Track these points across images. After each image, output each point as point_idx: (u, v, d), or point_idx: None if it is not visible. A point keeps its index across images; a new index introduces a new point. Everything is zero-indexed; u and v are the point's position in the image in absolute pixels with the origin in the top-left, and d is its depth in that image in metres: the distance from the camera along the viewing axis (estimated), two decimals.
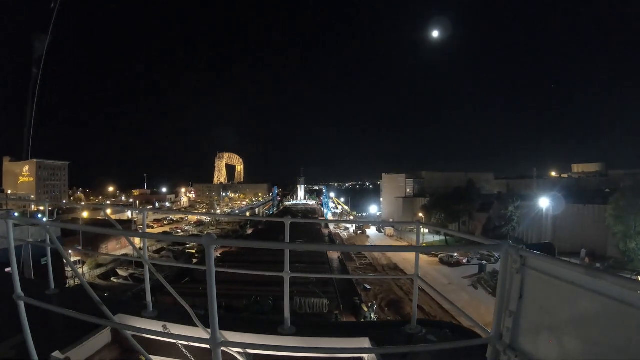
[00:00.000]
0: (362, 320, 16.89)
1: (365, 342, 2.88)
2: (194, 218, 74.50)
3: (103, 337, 2.97)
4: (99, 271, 33.34)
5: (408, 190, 78.55)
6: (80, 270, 27.92)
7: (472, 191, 62.01)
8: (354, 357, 3.03)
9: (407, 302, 27.47)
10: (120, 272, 33.42)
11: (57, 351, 2.49)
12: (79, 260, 33.28)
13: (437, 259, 43.39)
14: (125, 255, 29.91)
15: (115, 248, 42.10)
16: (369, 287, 28.85)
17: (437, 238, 53.66)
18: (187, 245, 44.15)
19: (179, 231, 63.02)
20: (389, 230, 63.57)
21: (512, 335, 1.74)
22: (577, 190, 58.36)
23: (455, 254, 41.54)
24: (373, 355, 2.66)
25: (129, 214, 64.61)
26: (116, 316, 2.92)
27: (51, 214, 4.48)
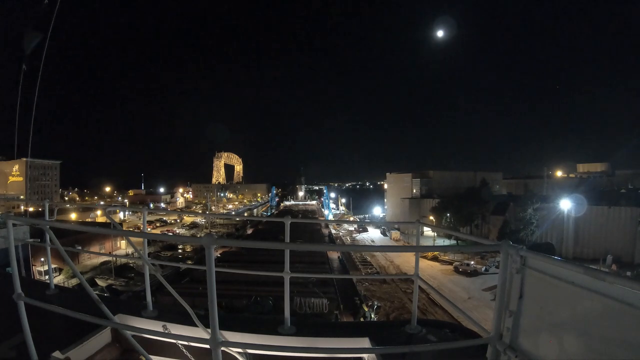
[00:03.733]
0: (362, 320, 16.88)
1: (365, 342, 2.88)
2: (188, 220, 72.64)
3: (103, 337, 2.96)
4: (74, 281, 29.90)
5: (414, 191, 74.27)
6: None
7: (486, 192, 57.78)
8: (354, 357, 3.03)
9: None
10: (99, 282, 31.91)
11: (57, 351, 2.49)
12: (55, 268, 29.26)
13: (451, 268, 39.65)
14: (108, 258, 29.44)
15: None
16: (378, 304, 26.90)
17: (447, 242, 50.89)
18: (179, 250, 43.07)
19: (170, 234, 61.69)
20: (395, 234, 60.48)
21: (512, 335, 1.74)
22: (590, 190, 54.70)
23: (472, 262, 38.62)
24: (373, 355, 2.66)
25: (120, 215, 63.29)
26: (116, 316, 2.92)
27: (51, 213, 4.47)
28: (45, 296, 3.76)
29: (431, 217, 56.20)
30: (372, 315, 19.99)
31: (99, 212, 61.95)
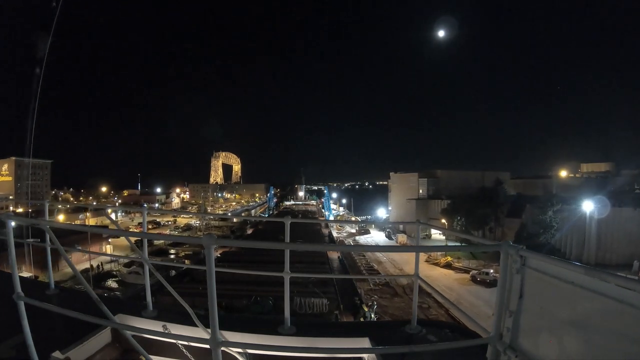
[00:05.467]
0: (362, 320, 16.91)
1: (365, 342, 2.88)
2: (182, 222, 70.18)
3: (103, 337, 2.97)
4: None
5: (421, 191, 69.76)
6: None
7: (500, 192, 53.06)
8: (354, 357, 3.03)
9: None
10: None
11: (57, 351, 2.49)
12: (32, 276, 24.55)
13: (467, 277, 35.86)
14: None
15: (81, 259, 35.85)
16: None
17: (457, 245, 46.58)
18: (171, 256, 41.39)
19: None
20: (402, 237, 57.96)
21: (512, 335, 1.74)
22: (603, 191, 48.73)
23: (491, 271, 35.76)
24: (373, 355, 2.66)
25: (112, 216, 61.92)
26: (116, 316, 2.92)
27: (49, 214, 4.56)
28: (45, 296, 3.75)
29: (443, 221, 51.38)
30: (372, 315, 20.03)
31: (88, 214, 60.14)
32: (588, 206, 40.94)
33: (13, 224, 2.15)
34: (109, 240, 45.06)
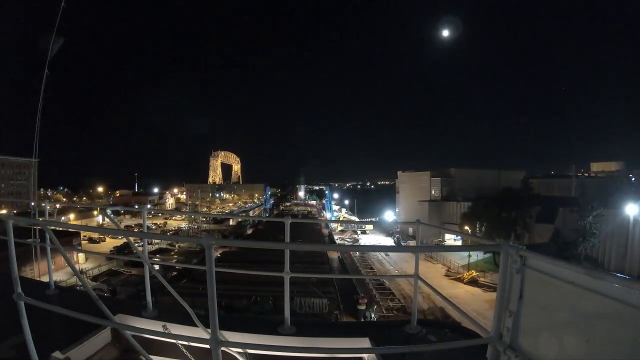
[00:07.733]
0: (362, 320, 16.92)
1: (365, 342, 2.88)
2: (174, 224, 68.27)
3: (103, 337, 2.97)
4: None
5: (434, 192, 64.02)
6: None
7: (529, 193, 46.51)
8: (354, 357, 3.04)
9: None
10: None
11: (57, 351, 2.49)
12: None
13: (494, 295, 33.32)
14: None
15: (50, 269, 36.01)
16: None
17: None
18: (156, 267, 39.22)
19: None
20: (413, 244, 53.76)
21: (512, 335, 1.74)
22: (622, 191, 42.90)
23: None
24: (373, 355, 2.67)
25: (99, 218, 59.11)
26: (116, 316, 2.92)
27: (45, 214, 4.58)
28: (45, 296, 3.75)
29: (466, 227, 46.09)
30: (372, 315, 20.04)
31: (71, 216, 57.33)
32: (632, 210, 35.49)
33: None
34: (79, 247, 43.76)
